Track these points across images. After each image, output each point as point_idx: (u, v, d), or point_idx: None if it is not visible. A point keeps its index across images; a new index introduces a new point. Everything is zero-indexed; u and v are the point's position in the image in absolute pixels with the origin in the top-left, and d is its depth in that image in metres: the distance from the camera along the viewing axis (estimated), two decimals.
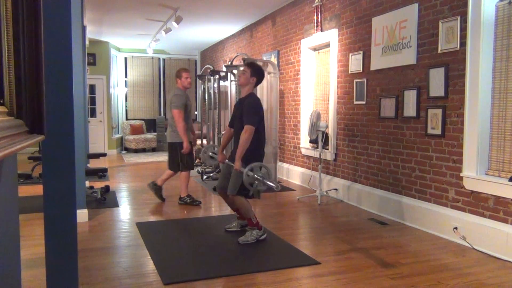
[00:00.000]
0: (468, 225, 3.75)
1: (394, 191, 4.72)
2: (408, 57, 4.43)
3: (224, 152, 4.30)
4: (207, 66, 9.42)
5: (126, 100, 12.84)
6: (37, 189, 5.64)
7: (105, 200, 5.53)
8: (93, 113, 11.30)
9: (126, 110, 12.88)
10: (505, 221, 3.48)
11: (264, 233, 3.88)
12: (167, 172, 5.42)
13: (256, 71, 3.97)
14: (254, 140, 3.82)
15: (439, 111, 4.06)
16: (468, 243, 3.72)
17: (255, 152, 3.84)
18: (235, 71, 6.89)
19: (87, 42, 8.90)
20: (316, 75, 6.56)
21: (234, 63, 7.47)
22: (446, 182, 4.03)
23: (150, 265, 3.31)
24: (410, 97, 4.42)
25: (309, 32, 6.44)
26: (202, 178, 7.22)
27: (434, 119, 4.12)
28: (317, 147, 5.69)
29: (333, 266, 3.30)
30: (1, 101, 1.16)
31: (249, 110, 3.83)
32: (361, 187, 5.27)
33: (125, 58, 12.64)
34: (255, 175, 3.57)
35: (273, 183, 3.51)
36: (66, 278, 2.40)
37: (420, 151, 4.33)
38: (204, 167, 7.66)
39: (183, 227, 4.42)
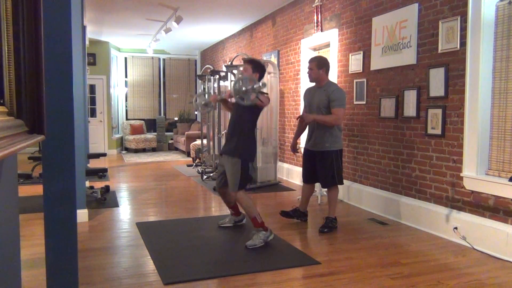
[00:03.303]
0: (468, 225, 3.75)
1: (394, 191, 4.72)
2: (408, 57, 4.43)
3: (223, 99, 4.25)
4: (207, 66, 9.42)
5: (126, 100, 12.84)
6: (37, 189, 5.64)
7: (105, 200, 5.53)
8: (93, 113, 11.30)
9: (126, 110, 12.87)
10: (505, 221, 3.48)
11: (271, 234, 3.83)
12: None
13: (257, 67, 3.97)
14: (250, 137, 3.88)
15: (439, 111, 4.06)
16: (468, 243, 3.72)
17: (253, 147, 3.94)
18: (235, 71, 6.89)
19: (87, 42, 8.89)
20: None
21: (234, 63, 7.46)
22: (446, 182, 4.03)
23: (150, 265, 3.31)
24: (410, 97, 4.42)
25: (309, 32, 6.44)
26: (202, 178, 7.22)
27: (434, 119, 4.12)
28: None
29: (333, 266, 3.30)
30: (1, 101, 1.16)
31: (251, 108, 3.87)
32: (361, 187, 5.27)
33: (125, 58, 12.64)
34: (244, 88, 3.57)
35: (261, 83, 3.56)
36: (66, 278, 2.40)
37: (420, 151, 4.33)
38: (204, 167, 7.66)
39: (183, 227, 4.42)
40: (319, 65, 4.28)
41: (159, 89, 12.95)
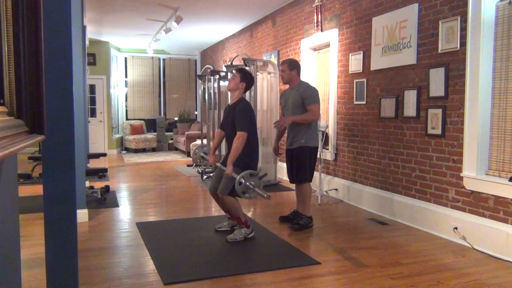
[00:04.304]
0: (468, 225, 3.75)
1: (394, 191, 4.72)
2: (408, 57, 4.43)
3: (216, 152, 4.31)
4: (207, 66, 9.42)
5: (126, 100, 12.84)
6: (37, 189, 5.64)
7: (105, 200, 5.53)
8: (93, 113, 11.30)
9: (126, 110, 12.87)
10: (505, 221, 3.48)
11: (252, 231, 3.96)
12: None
13: (245, 77, 4.06)
14: (246, 146, 3.85)
15: (439, 111, 4.06)
16: (468, 243, 3.72)
17: (248, 157, 3.90)
18: (234, 72, 6.88)
19: (87, 42, 8.90)
20: (316, 75, 6.56)
21: (234, 63, 7.46)
22: (446, 182, 4.03)
23: (150, 265, 3.31)
24: (410, 97, 4.42)
25: (309, 32, 6.44)
26: (202, 178, 7.22)
27: (434, 119, 4.12)
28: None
29: (333, 266, 3.30)
30: (1, 101, 1.16)
31: (240, 116, 3.87)
32: (361, 187, 5.27)
33: (125, 58, 12.64)
34: (247, 183, 3.61)
35: (264, 193, 3.53)
36: (66, 278, 2.40)
37: (420, 151, 4.33)
38: (204, 167, 7.66)
39: (183, 227, 4.42)
40: (290, 66, 4.38)
41: (159, 89, 12.95)
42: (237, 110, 3.91)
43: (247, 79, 4.06)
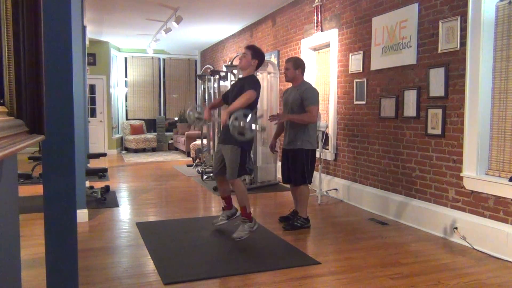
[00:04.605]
0: (468, 225, 3.75)
1: (394, 191, 4.72)
2: (408, 57, 4.43)
3: (212, 112, 4.27)
4: (207, 66, 9.41)
5: (126, 100, 12.84)
6: (37, 189, 5.64)
7: (105, 200, 5.53)
8: (93, 113, 11.30)
9: (126, 110, 12.87)
10: (505, 221, 3.48)
11: (255, 224, 3.93)
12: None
13: (257, 53, 3.99)
14: None
15: (439, 111, 4.06)
16: (468, 243, 3.72)
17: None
18: (235, 71, 6.88)
19: (87, 42, 8.89)
20: (316, 75, 6.56)
21: (234, 63, 7.46)
22: (446, 182, 4.03)
23: (150, 265, 3.31)
24: (410, 97, 4.42)
25: (309, 32, 6.44)
26: (202, 178, 7.22)
27: (434, 119, 4.12)
28: (317, 147, 5.68)
29: (333, 266, 3.30)
30: (1, 101, 1.16)
31: (251, 82, 3.88)
32: (361, 187, 5.27)
33: (125, 58, 12.64)
34: (241, 123, 3.58)
35: (259, 125, 3.58)
36: (66, 278, 2.40)
37: (420, 151, 4.33)
38: (204, 167, 7.66)
39: (183, 227, 4.42)
40: (295, 65, 4.35)
41: (159, 89, 12.95)
42: (247, 79, 3.93)
43: (259, 55, 3.99)
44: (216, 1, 7.01)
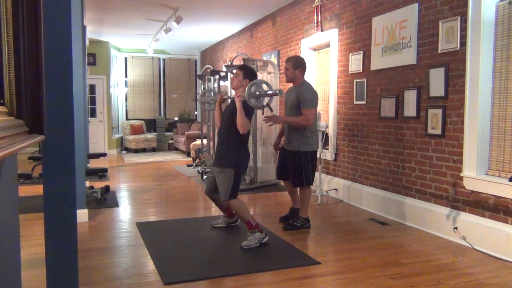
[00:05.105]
0: (468, 225, 3.75)
1: (394, 191, 4.72)
2: (408, 57, 4.43)
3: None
4: (207, 66, 9.41)
5: (126, 100, 12.84)
6: (37, 189, 5.64)
7: (105, 200, 5.53)
8: (93, 113, 11.30)
9: (126, 110, 12.87)
10: (505, 221, 3.48)
11: (265, 236, 3.79)
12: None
13: (248, 73, 3.99)
14: (243, 144, 3.85)
15: (439, 111, 4.06)
16: (468, 243, 3.72)
17: (242, 154, 3.86)
18: (235, 71, 6.88)
19: (87, 42, 8.89)
20: (316, 75, 6.56)
21: (234, 63, 7.46)
22: (446, 182, 4.03)
23: (150, 265, 3.31)
24: (410, 97, 4.42)
25: (309, 32, 6.44)
26: (202, 178, 7.22)
27: (434, 119, 4.12)
28: (318, 148, 5.68)
29: (333, 266, 3.30)
30: (1, 101, 1.16)
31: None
32: (361, 187, 5.27)
33: (125, 58, 12.64)
34: (260, 96, 3.68)
35: (275, 90, 3.64)
36: (66, 278, 2.40)
37: (420, 151, 4.33)
38: (204, 167, 7.66)
39: (183, 227, 4.42)
40: (295, 65, 4.31)
41: (159, 89, 12.95)
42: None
43: (250, 75, 3.99)
44: (216, 1, 7.01)
